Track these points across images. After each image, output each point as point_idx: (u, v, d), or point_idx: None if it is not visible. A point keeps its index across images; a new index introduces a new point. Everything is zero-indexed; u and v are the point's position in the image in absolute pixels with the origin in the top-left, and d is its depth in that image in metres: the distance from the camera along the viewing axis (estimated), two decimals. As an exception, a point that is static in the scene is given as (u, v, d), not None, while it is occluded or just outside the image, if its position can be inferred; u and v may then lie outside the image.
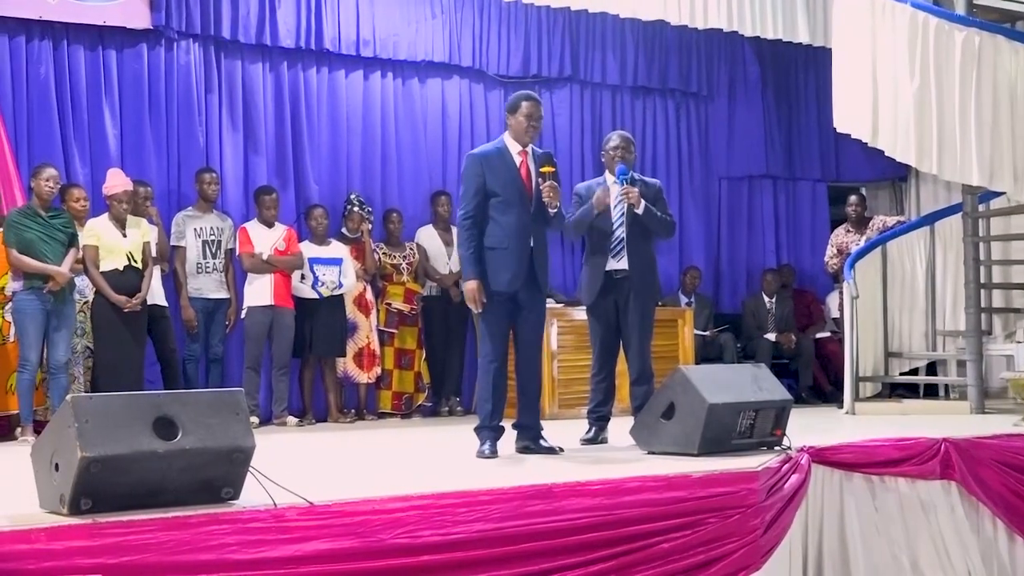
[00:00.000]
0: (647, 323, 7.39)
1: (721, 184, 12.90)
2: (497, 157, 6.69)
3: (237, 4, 10.14)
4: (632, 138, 7.66)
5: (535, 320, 6.74)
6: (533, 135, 6.73)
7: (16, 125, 9.30)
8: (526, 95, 6.81)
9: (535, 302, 6.70)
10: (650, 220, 7.28)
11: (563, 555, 4.78)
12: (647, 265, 7.38)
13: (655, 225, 7.35)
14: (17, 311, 8.25)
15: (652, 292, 7.46)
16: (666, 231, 7.52)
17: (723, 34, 11.67)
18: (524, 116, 6.67)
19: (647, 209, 7.23)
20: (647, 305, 7.38)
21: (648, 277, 7.38)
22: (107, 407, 4.37)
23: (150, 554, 3.95)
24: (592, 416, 7.46)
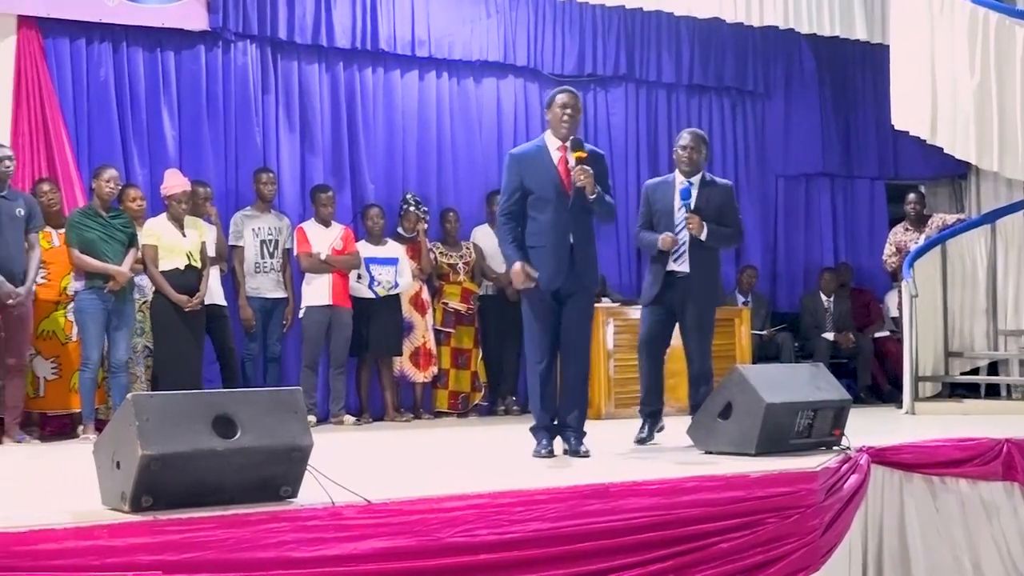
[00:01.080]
0: (706, 324, 7.28)
1: (778, 182, 12.83)
2: (535, 155, 6.61)
3: (293, 5, 10.20)
4: (705, 136, 7.48)
5: (577, 318, 6.59)
6: (569, 126, 6.55)
7: (77, 127, 9.40)
8: (561, 88, 6.74)
9: (577, 299, 6.57)
10: (714, 242, 7.23)
11: (620, 555, 4.76)
12: (709, 267, 7.28)
13: (719, 244, 7.33)
14: (79, 311, 8.35)
15: (712, 294, 7.35)
16: (731, 243, 7.57)
17: (779, 31, 11.59)
18: (559, 107, 6.56)
19: (710, 234, 7.14)
20: (706, 306, 7.26)
21: (709, 279, 7.28)
22: (167, 405, 4.40)
23: (209, 551, 3.97)
24: (644, 411, 7.39)
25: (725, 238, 7.33)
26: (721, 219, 7.26)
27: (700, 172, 7.33)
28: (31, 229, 8.20)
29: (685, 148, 7.30)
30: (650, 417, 7.34)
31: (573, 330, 6.60)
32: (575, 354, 6.63)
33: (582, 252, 6.54)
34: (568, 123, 6.54)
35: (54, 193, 8.83)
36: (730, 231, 7.33)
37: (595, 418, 9.71)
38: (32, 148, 9.14)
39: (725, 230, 7.27)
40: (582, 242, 6.54)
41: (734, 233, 7.41)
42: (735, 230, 7.41)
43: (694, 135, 7.39)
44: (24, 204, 8.20)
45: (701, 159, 7.32)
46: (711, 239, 7.17)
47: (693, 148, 7.29)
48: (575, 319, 6.59)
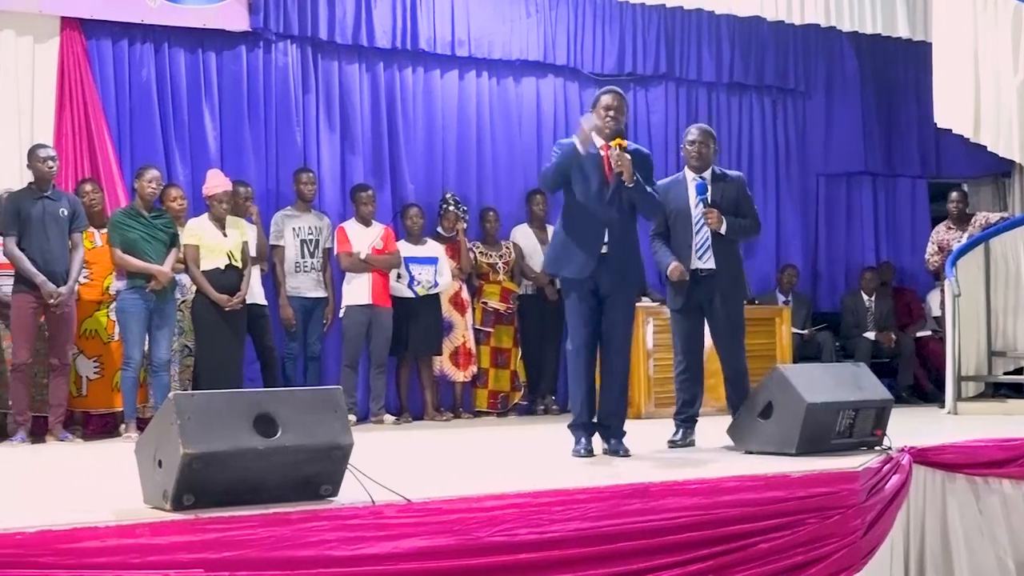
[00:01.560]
0: (737, 321, 7.21)
1: (819, 181, 12.76)
2: None
3: (334, 5, 10.23)
4: (712, 132, 7.39)
5: (616, 316, 6.57)
6: (612, 126, 6.54)
7: (119, 127, 9.47)
8: (605, 89, 6.75)
9: (617, 299, 6.56)
10: (735, 234, 7.12)
11: (660, 554, 4.75)
12: (733, 261, 7.16)
13: (739, 236, 7.20)
14: (120, 310, 8.40)
15: (740, 290, 7.25)
16: (751, 235, 7.42)
17: (820, 29, 11.54)
18: (602, 108, 6.55)
19: (730, 227, 7.04)
20: (735, 302, 7.18)
21: (736, 275, 7.16)
22: (208, 404, 4.43)
23: (250, 550, 3.99)
24: (679, 418, 7.22)
25: (744, 229, 7.21)
26: (738, 211, 7.17)
27: (710, 167, 7.22)
28: (74, 229, 8.27)
29: (694, 143, 7.20)
30: (686, 423, 7.20)
31: (613, 330, 6.57)
32: (616, 354, 6.61)
33: (619, 249, 6.50)
34: (612, 124, 6.54)
35: (97, 193, 8.90)
36: (748, 222, 7.22)
37: (635, 417, 9.68)
38: (75, 149, 9.22)
39: (743, 221, 7.17)
40: (620, 239, 6.51)
41: (752, 224, 7.28)
42: (753, 220, 7.29)
43: (702, 130, 7.31)
44: (68, 204, 8.26)
45: (710, 153, 7.22)
46: (731, 231, 7.07)
47: (702, 143, 7.18)
48: (615, 319, 6.57)
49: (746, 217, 7.20)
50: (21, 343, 8.07)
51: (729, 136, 12.23)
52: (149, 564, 3.80)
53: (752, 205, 7.35)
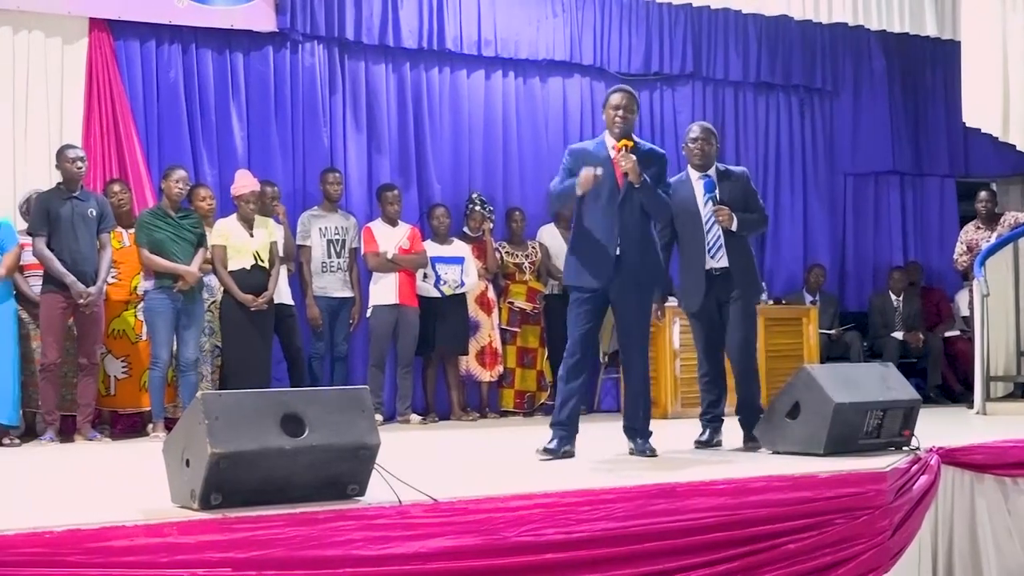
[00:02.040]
0: (751, 319, 7.10)
1: (847, 181, 12.74)
2: (593, 151, 6.58)
3: (360, 6, 10.26)
4: (714, 129, 7.25)
5: (629, 319, 6.50)
6: (623, 127, 6.46)
7: (147, 128, 9.53)
8: (615, 88, 6.71)
9: (629, 301, 6.48)
10: (746, 230, 7.01)
11: (687, 555, 4.74)
12: (747, 260, 7.06)
13: (750, 231, 7.10)
14: (148, 310, 8.44)
15: (755, 287, 7.17)
16: (760, 229, 7.42)
17: (848, 28, 11.51)
18: (612, 107, 6.50)
19: (741, 223, 6.92)
20: (751, 300, 7.09)
21: (750, 271, 7.06)
22: (236, 404, 4.44)
23: (278, 549, 4.00)
24: (705, 418, 7.14)
25: (753, 224, 7.12)
26: (746, 207, 7.06)
27: (713, 164, 7.11)
28: (103, 229, 8.31)
29: (696, 141, 7.08)
30: (712, 422, 7.13)
31: (628, 332, 6.54)
32: (634, 356, 6.58)
33: (633, 251, 6.43)
34: (621, 124, 6.48)
35: (125, 193, 8.95)
36: (756, 216, 7.12)
37: (661, 417, 9.69)
38: (103, 149, 9.27)
39: (752, 216, 7.06)
40: (632, 241, 6.43)
41: (760, 218, 7.20)
42: (760, 214, 7.19)
43: (703, 127, 7.20)
44: (96, 205, 8.31)
45: (712, 151, 7.10)
46: (742, 228, 6.95)
47: (704, 140, 7.07)
48: (629, 321, 6.52)
49: (753, 212, 7.11)
50: (50, 343, 8.11)
51: (756, 136, 12.22)
52: (177, 563, 3.81)
53: (758, 199, 7.26)
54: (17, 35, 9.17)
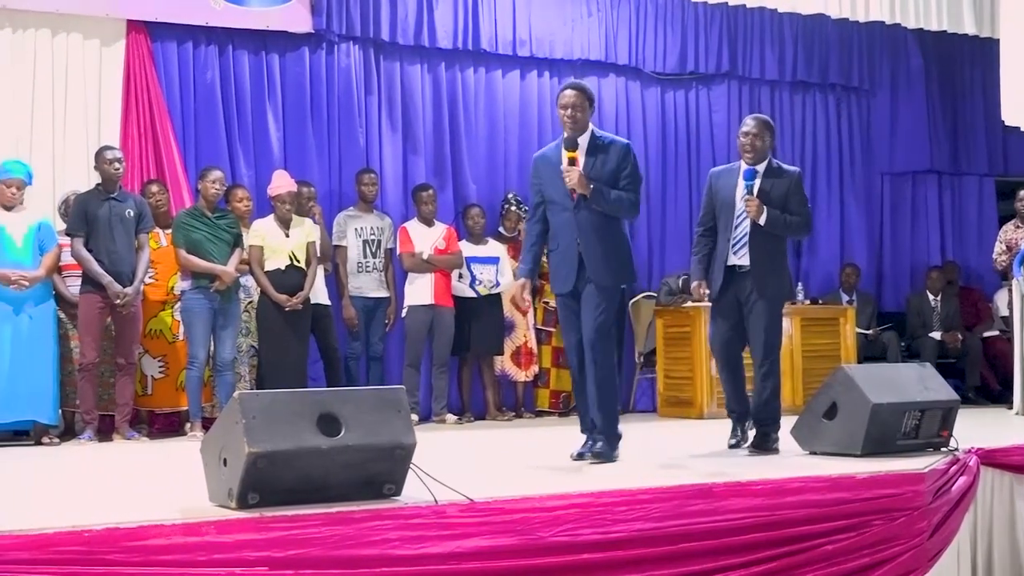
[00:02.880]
0: (772, 321, 6.82)
1: (884, 180, 12.66)
2: (549, 157, 6.40)
3: (395, 6, 10.27)
4: (770, 123, 7.01)
5: (589, 319, 6.23)
6: (570, 126, 6.25)
7: (184, 128, 9.57)
8: (565, 84, 6.50)
9: (589, 300, 6.24)
10: (775, 228, 6.77)
11: (724, 555, 4.73)
12: (771, 260, 6.80)
13: (781, 231, 6.83)
14: (185, 310, 8.48)
15: (778, 288, 6.87)
16: (796, 233, 7.05)
17: (885, 26, 11.43)
18: (560, 107, 6.31)
19: (770, 219, 6.71)
20: (772, 302, 6.81)
21: (772, 273, 6.80)
22: (273, 404, 4.45)
23: (314, 548, 4.01)
24: (733, 416, 7.01)
25: (786, 225, 6.81)
26: (786, 207, 6.82)
27: (765, 160, 6.89)
28: (141, 230, 8.36)
29: (747, 135, 6.88)
30: (740, 420, 6.96)
31: (585, 328, 6.29)
32: (591, 353, 6.27)
33: (590, 253, 6.24)
34: (570, 123, 6.26)
35: (162, 194, 8.99)
36: (795, 219, 6.83)
37: (697, 417, 9.69)
38: (141, 150, 9.32)
39: (789, 217, 6.80)
40: (590, 243, 6.24)
41: (800, 222, 6.88)
42: (801, 219, 6.89)
43: (758, 121, 6.97)
44: (134, 205, 8.36)
45: (765, 146, 6.87)
46: (770, 225, 6.72)
47: (756, 135, 6.85)
48: (585, 317, 6.28)
49: (795, 215, 6.85)
50: (88, 343, 8.17)
51: (792, 135, 12.17)
52: (214, 562, 3.83)
53: (804, 203, 6.97)
54: (56, 37, 9.23)
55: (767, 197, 6.78)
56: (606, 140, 6.41)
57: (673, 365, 10.23)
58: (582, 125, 6.31)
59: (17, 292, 7.95)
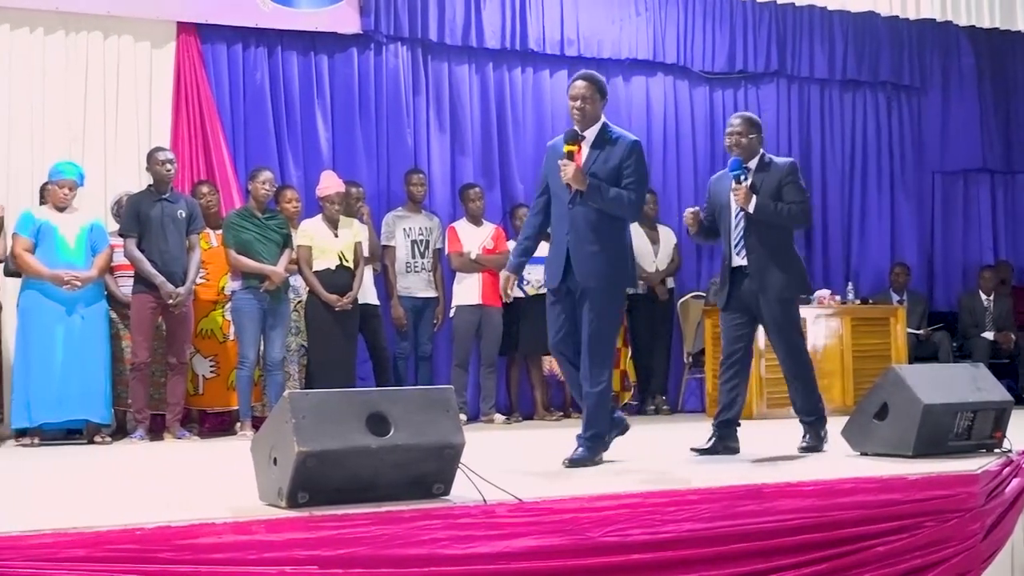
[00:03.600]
0: (787, 318, 6.66)
1: (935, 179, 12.56)
2: (558, 146, 6.28)
3: (443, 7, 10.30)
4: (755, 120, 6.83)
5: (582, 314, 6.14)
6: (579, 118, 6.17)
7: (234, 130, 9.64)
8: (577, 75, 6.37)
9: (581, 301, 6.15)
10: (766, 216, 6.56)
11: (775, 556, 4.70)
12: (770, 258, 6.59)
13: (773, 220, 6.58)
14: (235, 310, 8.53)
15: (784, 283, 6.61)
16: (791, 222, 6.69)
17: (936, 24, 11.36)
18: (570, 98, 6.22)
19: (759, 207, 6.52)
20: (783, 299, 6.62)
21: (775, 268, 6.59)
22: (322, 403, 4.46)
23: (364, 547, 4.01)
24: (716, 421, 6.79)
25: (778, 213, 6.57)
26: (780, 198, 6.62)
27: (756, 156, 6.72)
28: (192, 231, 8.42)
29: (732, 134, 6.75)
30: (723, 427, 6.73)
31: (581, 331, 6.19)
32: (584, 368, 6.19)
33: (578, 251, 6.11)
34: (579, 115, 6.18)
35: (213, 195, 9.05)
36: (789, 207, 6.59)
37: (747, 418, 9.60)
38: (191, 151, 9.40)
39: (782, 205, 6.58)
40: (579, 240, 6.12)
41: (795, 210, 6.61)
42: (797, 207, 6.62)
43: (742, 119, 6.82)
44: (185, 206, 8.42)
45: (753, 143, 6.70)
46: (761, 212, 6.53)
47: (740, 133, 6.70)
48: (581, 316, 6.18)
49: (787, 203, 6.63)
50: (140, 343, 8.23)
51: (842, 134, 12.11)
52: (265, 560, 3.84)
53: (799, 191, 6.70)
54: (107, 40, 9.32)
55: (757, 190, 6.62)
56: (614, 135, 6.25)
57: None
58: (592, 117, 6.21)
59: (70, 293, 8.02)
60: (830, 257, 11.99)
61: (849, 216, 12.14)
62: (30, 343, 8.02)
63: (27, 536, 3.78)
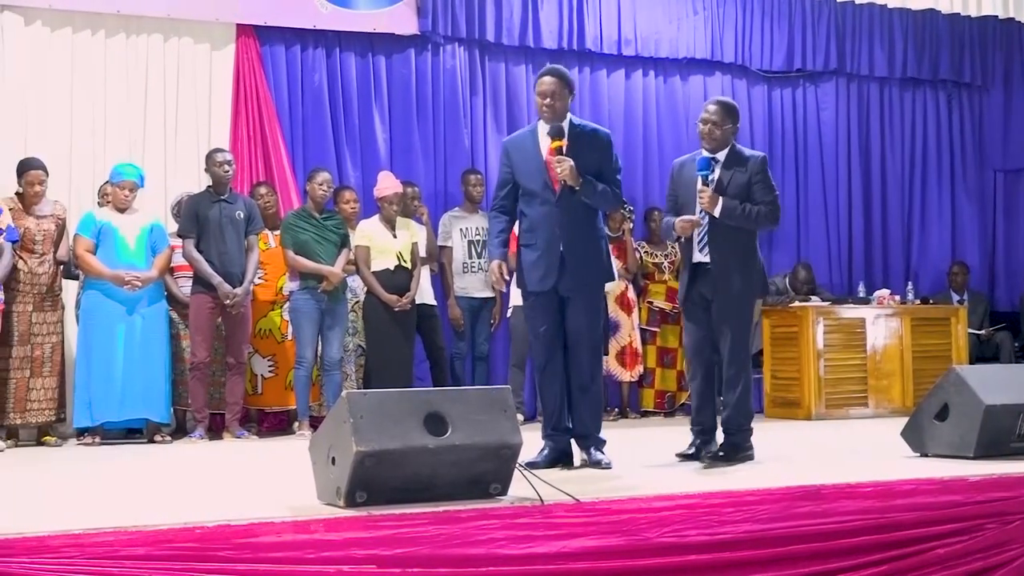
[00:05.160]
0: (741, 320, 6.39)
1: (996, 177, 12.42)
2: (523, 143, 6.21)
3: (500, 7, 10.31)
4: (733, 107, 6.53)
5: (580, 320, 6.06)
6: (548, 114, 6.06)
7: (292, 131, 9.69)
8: (543, 71, 6.26)
9: (576, 301, 6.05)
10: (732, 220, 6.28)
11: (833, 558, 4.66)
12: (733, 256, 6.32)
13: (740, 223, 6.31)
14: (293, 310, 8.57)
15: (744, 285, 6.36)
16: (758, 224, 6.43)
17: (998, 21, 11.25)
18: (539, 95, 6.06)
19: (725, 211, 6.24)
20: (740, 300, 6.37)
21: (737, 269, 6.33)
22: (380, 403, 4.49)
23: (422, 547, 4.02)
24: (694, 428, 6.56)
25: (746, 216, 6.30)
26: (751, 197, 6.34)
27: (727, 147, 6.42)
28: (250, 231, 8.48)
29: (706, 122, 6.42)
30: (701, 434, 6.52)
31: (575, 334, 6.10)
32: (580, 359, 6.12)
33: (574, 250, 6.03)
34: (548, 112, 6.08)
35: (271, 196, 9.11)
36: (757, 209, 6.31)
37: (805, 419, 9.58)
38: (250, 152, 9.46)
39: (751, 207, 6.30)
40: (574, 239, 6.03)
41: (764, 212, 6.33)
42: (766, 208, 6.33)
43: (719, 106, 6.49)
44: (244, 207, 8.48)
45: (726, 133, 6.40)
46: (727, 216, 6.24)
47: (716, 122, 6.38)
48: (579, 322, 6.09)
49: (757, 203, 6.34)
50: (199, 343, 8.30)
51: (902, 132, 12.01)
52: (323, 559, 3.86)
53: (770, 191, 6.41)
54: (168, 42, 9.40)
55: (723, 189, 6.34)
56: (587, 128, 6.22)
57: (780, 366, 10.12)
58: (561, 113, 6.10)
59: (130, 293, 8.10)
60: (890, 257, 11.89)
61: (909, 215, 12.03)
62: (92, 343, 8.10)
63: (89, 534, 3.83)
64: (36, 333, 8.10)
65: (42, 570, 3.50)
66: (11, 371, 8.03)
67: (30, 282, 8.09)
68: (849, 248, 11.70)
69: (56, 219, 8.28)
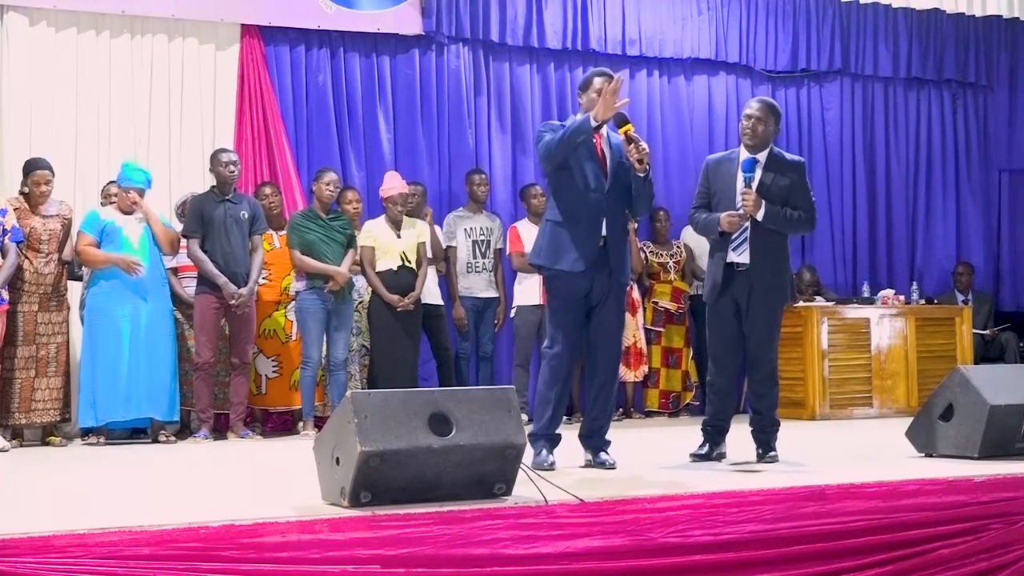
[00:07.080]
0: (773, 322, 6.41)
1: (1001, 177, 12.41)
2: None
3: (505, 7, 10.31)
4: (775, 107, 6.56)
5: (610, 320, 6.09)
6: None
7: (296, 131, 9.70)
8: (598, 71, 6.33)
9: (610, 298, 6.06)
10: (775, 224, 6.31)
11: (838, 559, 4.66)
12: (774, 259, 6.35)
13: (781, 227, 6.36)
14: (300, 310, 8.58)
15: (779, 289, 6.39)
16: (799, 229, 6.55)
17: (1003, 21, 11.24)
18: (596, 92, 6.07)
19: (768, 215, 6.26)
20: (773, 303, 6.38)
21: (774, 273, 6.36)
22: (385, 403, 4.49)
23: (426, 547, 4.03)
24: (707, 428, 6.54)
25: (787, 221, 6.33)
26: (789, 201, 6.37)
27: (767, 147, 6.44)
28: (255, 231, 8.48)
29: (750, 118, 6.40)
30: (717, 434, 6.52)
31: (604, 333, 6.11)
32: (606, 361, 6.16)
33: (616, 244, 6.05)
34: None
35: (276, 196, 9.12)
36: (797, 214, 6.36)
37: (809, 419, 9.58)
38: (255, 152, 9.46)
39: (791, 212, 6.33)
40: (616, 233, 6.06)
41: (804, 218, 6.39)
42: (806, 215, 6.40)
43: (763, 104, 6.49)
44: (248, 207, 8.48)
45: (768, 132, 6.42)
46: (769, 220, 6.26)
47: (759, 119, 6.37)
48: (609, 322, 6.11)
49: (796, 209, 6.38)
50: (204, 343, 8.30)
51: (907, 132, 12.01)
52: (328, 559, 3.86)
53: (808, 197, 6.48)
54: (172, 42, 9.41)
55: (767, 191, 6.35)
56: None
57: (785, 366, 10.00)
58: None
59: (135, 283, 8.07)
60: (894, 257, 11.88)
61: (914, 215, 12.03)
62: (96, 343, 8.11)
63: (93, 534, 3.84)
64: (41, 333, 8.11)
65: (47, 570, 3.50)
66: (16, 371, 8.04)
67: (35, 282, 8.10)
68: (854, 248, 11.70)
69: (62, 219, 8.29)
